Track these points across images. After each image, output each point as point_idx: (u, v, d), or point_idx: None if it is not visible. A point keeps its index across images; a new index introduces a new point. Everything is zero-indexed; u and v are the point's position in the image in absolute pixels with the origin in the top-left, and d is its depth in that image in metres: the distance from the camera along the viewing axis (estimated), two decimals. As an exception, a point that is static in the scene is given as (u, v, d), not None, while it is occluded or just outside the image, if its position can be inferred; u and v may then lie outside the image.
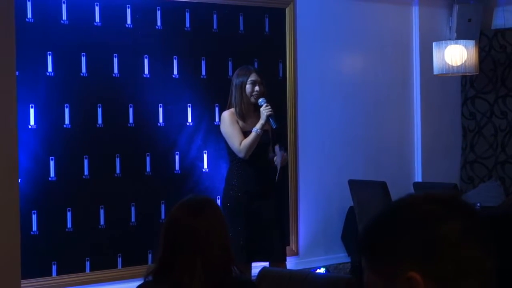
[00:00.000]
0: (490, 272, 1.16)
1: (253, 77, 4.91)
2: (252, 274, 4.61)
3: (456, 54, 6.56)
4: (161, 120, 5.69)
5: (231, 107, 4.96)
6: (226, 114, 4.94)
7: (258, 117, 4.91)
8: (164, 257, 2.42)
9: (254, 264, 4.88)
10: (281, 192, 5.96)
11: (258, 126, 4.84)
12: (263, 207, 4.87)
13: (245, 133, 4.87)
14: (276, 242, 4.90)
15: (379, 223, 1.22)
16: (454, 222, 1.17)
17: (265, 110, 4.83)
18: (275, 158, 4.93)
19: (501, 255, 1.20)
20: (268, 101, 4.93)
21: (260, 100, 4.89)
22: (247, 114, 4.92)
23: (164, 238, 2.44)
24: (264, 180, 4.92)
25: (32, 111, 5.16)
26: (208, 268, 2.35)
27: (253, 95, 4.91)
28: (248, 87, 4.90)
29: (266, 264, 4.92)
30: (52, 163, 5.24)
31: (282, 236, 5.04)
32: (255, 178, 4.88)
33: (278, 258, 4.90)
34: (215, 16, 5.94)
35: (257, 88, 4.89)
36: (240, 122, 4.91)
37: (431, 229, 1.16)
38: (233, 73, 5.87)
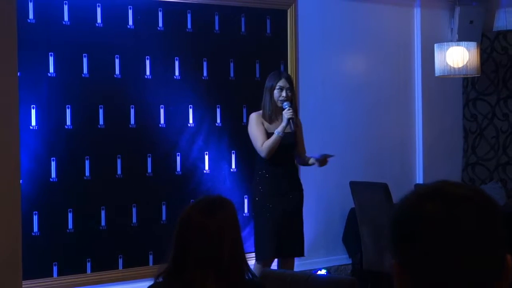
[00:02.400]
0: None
1: (281, 83, 5.14)
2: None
3: (457, 56, 6.56)
4: (162, 121, 5.69)
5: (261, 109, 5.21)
6: (253, 115, 5.21)
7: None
8: (176, 258, 2.39)
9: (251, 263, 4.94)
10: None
11: (279, 128, 5.08)
12: (287, 205, 5.12)
13: (271, 135, 5.11)
14: (298, 239, 5.18)
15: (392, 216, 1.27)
16: (427, 214, 1.20)
17: (286, 113, 5.07)
18: (311, 160, 5.30)
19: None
20: (294, 104, 5.20)
21: (285, 103, 5.12)
22: (274, 116, 5.16)
23: (176, 238, 2.40)
24: (289, 179, 5.18)
25: (33, 112, 5.16)
26: (221, 269, 2.33)
27: (279, 100, 5.12)
28: (276, 92, 5.14)
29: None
30: (53, 164, 5.24)
31: (302, 232, 5.27)
32: (280, 177, 5.13)
33: (299, 254, 5.19)
34: (216, 18, 5.95)
35: (283, 93, 5.13)
36: (266, 124, 5.16)
37: (406, 222, 1.22)
38: (234, 74, 5.93)
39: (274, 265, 5.23)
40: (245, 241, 5.27)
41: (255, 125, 5.14)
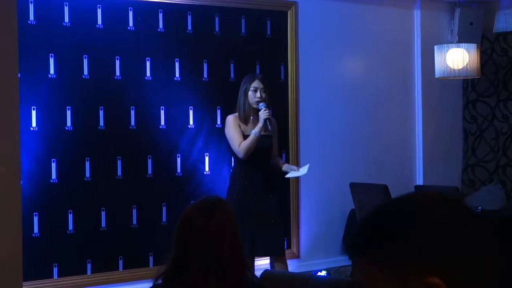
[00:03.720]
0: (504, 276, 1.16)
1: (255, 84, 5.19)
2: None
3: (457, 58, 6.56)
4: (162, 122, 5.69)
5: (237, 111, 5.24)
6: (230, 117, 5.26)
7: (258, 121, 5.18)
8: (176, 259, 2.38)
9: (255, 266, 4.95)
10: (283, 193, 5.97)
11: (256, 129, 5.14)
12: (264, 205, 5.16)
13: (247, 136, 5.15)
14: (276, 239, 5.20)
15: (390, 221, 1.16)
16: (470, 229, 1.16)
17: (262, 114, 5.14)
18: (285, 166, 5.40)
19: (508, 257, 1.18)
20: (271, 105, 5.23)
21: (260, 104, 5.17)
22: (249, 118, 5.20)
23: (176, 239, 2.40)
24: (265, 181, 5.22)
25: (34, 113, 5.16)
26: (221, 270, 2.33)
27: (254, 101, 5.17)
28: (250, 93, 5.19)
29: (267, 262, 5.22)
30: (53, 165, 5.25)
31: (282, 233, 5.32)
32: (257, 178, 5.18)
33: (278, 253, 5.22)
34: (217, 19, 5.95)
35: (258, 94, 5.18)
36: (242, 126, 5.20)
37: (453, 234, 1.13)
38: (235, 76, 5.94)
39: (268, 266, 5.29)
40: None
41: (232, 126, 5.22)
